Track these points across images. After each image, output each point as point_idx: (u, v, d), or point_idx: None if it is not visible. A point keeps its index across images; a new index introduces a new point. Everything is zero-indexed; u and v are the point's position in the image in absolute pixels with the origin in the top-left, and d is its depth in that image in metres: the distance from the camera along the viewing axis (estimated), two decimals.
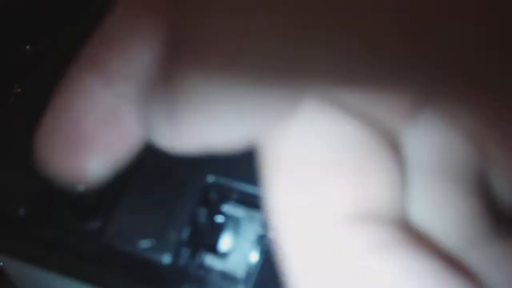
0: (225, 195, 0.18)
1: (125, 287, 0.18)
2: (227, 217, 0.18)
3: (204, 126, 0.09)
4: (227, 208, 0.18)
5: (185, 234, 0.17)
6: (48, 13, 0.45)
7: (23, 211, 0.17)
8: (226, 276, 0.17)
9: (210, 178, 0.18)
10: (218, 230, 0.18)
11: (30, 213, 0.18)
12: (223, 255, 0.17)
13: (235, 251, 0.17)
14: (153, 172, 0.18)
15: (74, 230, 0.18)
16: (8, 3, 0.44)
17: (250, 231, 0.17)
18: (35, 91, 0.20)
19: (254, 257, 0.18)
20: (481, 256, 0.10)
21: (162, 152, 0.18)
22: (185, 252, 0.17)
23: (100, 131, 0.10)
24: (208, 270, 0.17)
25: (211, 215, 0.18)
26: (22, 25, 0.44)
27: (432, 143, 0.10)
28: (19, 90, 0.41)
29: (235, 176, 0.18)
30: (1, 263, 0.22)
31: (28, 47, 0.43)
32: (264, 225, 0.18)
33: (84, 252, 0.18)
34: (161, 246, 0.16)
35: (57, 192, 0.18)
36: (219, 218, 0.18)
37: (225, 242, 0.18)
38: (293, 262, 0.09)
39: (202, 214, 0.17)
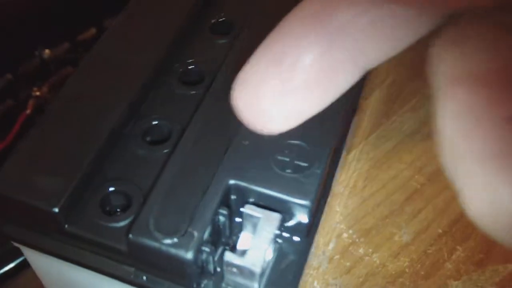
0: (244, 197, 0.19)
1: (148, 280, 0.19)
2: (246, 217, 0.19)
3: None
4: (246, 209, 0.19)
5: (207, 232, 0.18)
6: (66, 18, 0.46)
7: (57, 210, 0.19)
8: (244, 272, 0.18)
9: (231, 181, 0.19)
10: (237, 229, 0.20)
11: (63, 211, 0.19)
12: (241, 252, 0.18)
13: (253, 249, 0.18)
14: (178, 175, 0.19)
15: (104, 228, 0.19)
16: (27, 7, 0.45)
17: (267, 231, 0.19)
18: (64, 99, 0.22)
19: (268, 254, 0.19)
20: None
21: (186, 156, 0.20)
22: (206, 249, 0.18)
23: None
24: (227, 265, 0.18)
25: (231, 216, 0.19)
26: (41, 29, 0.46)
27: None
28: (37, 93, 0.43)
29: (253, 180, 0.19)
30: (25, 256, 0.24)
31: (46, 51, 0.44)
32: (279, 225, 0.19)
33: (112, 248, 0.19)
34: (185, 243, 0.18)
35: (89, 193, 0.20)
36: (238, 218, 0.20)
37: (243, 240, 0.19)
38: None
39: (222, 214, 0.19)
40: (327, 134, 0.20)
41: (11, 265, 0.32)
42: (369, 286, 0.37)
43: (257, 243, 0.18)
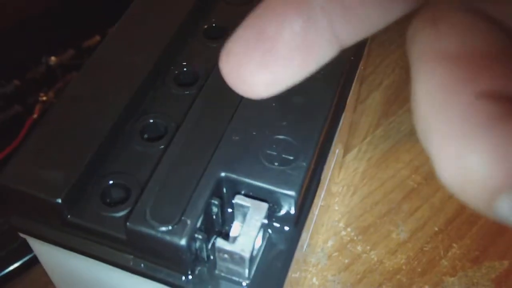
0: (235, 188, 0.21)
1: (144, 266, 0.21)
2: (236, 207, 0.20)
3: None
4: (236, 199, 0.20)
5: (200, 221, 0.19)
6: (72, 25, 0.48)
7: (60, 200, 0.20)
8: (234, 257, 0.19)
9: (222, 173, 0.21)
10: (229, 219, 0.21)
11: (66, 202, 0.20)
12: (232, 239, 0.20)
13: (242, 236, 0.19)
14: (172, 168, 0.21)
15: (104, 217, 0.20)
16: (34, 16, 0.47)
17: (256, 219, 0.20)
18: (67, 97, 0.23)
19: (258, 242, 0.21)
20: None
21: (181, 150, 0.21)
22: (199, 236, 0.19)
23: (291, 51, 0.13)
24: (219, 252, 0.19)
25: (222, 205, 0.21)
26: (47, 36, 0.47)
27: None
28: (44, 98, 0.44)
29: (243, 172, 0.21)
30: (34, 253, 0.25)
31: (52, 57, 0.46)
32: (267, 215, 0.20)
33: (112, 237, 0.20)
34: (179, 230, 0.19)
35: (90, 185, 0.21)
36: (230, 208, 0.21)
37: (233, 229, 0.21)
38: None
39: (214, 204, 0.20)
40: (313, 129, 0.22)
41: (20, 262, 0.33)
42: (367, 283, 0.38)
43: (246, 231, 0.19)
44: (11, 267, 0.33)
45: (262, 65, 0.13)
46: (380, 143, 0.46)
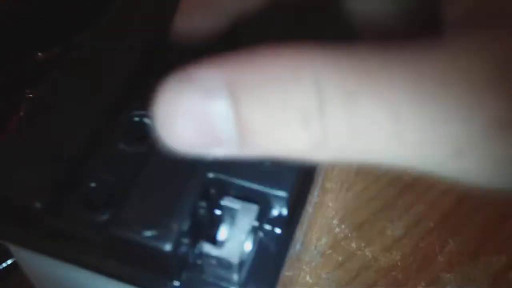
0: (223, 190, 0.20)
1: (130, 273, 0.20)
2: (225, 209, 0.19)
3: None
4: (225, 201, 0.19)
5: (186, 224, 0.18)
6: (59, 21, 0.47)
7: (40, 204, 0.19)
8: (222, 263, 0.18)
9: (210, 174, 0.20)
10: (216, 221, 0.20)
11: (46, 206, 0.19)
12: (219, 244, 0.19)
13: (231, 240, 0.18)
14: (158, 171, 0.20)
15: (86, 222, 0.20)
16: (21, 10, 0.46)
17: (245, 222, 0.19)
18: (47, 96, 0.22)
19: (247, 246, 0.20)
20: None
21: (166, 152, 0.20)
22: (186, 241, 0.19)
23: None
24: (206, 257, 0.19)
25: (210, 208, 0.20)
26: (33, 32, 0.46)
27: None
28: (30, 95, 0.43)
29: (232, 173, 0.20)
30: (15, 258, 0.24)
31: (39, 53, 0.45)
32: (258, 217, 0.20)
33: (94, 242, 0.19)
34: (164, 235, 0.18)
35: (72, 189, 0.20)
36: (217, 211, 0.20)
37: (222, 232, 0.20)
38: None
39: (202, 206, 0.19)
40: None
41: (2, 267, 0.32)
42: (361, 280, 0.37)
43: (234, 235, 0.18)
44: None
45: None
46: None
